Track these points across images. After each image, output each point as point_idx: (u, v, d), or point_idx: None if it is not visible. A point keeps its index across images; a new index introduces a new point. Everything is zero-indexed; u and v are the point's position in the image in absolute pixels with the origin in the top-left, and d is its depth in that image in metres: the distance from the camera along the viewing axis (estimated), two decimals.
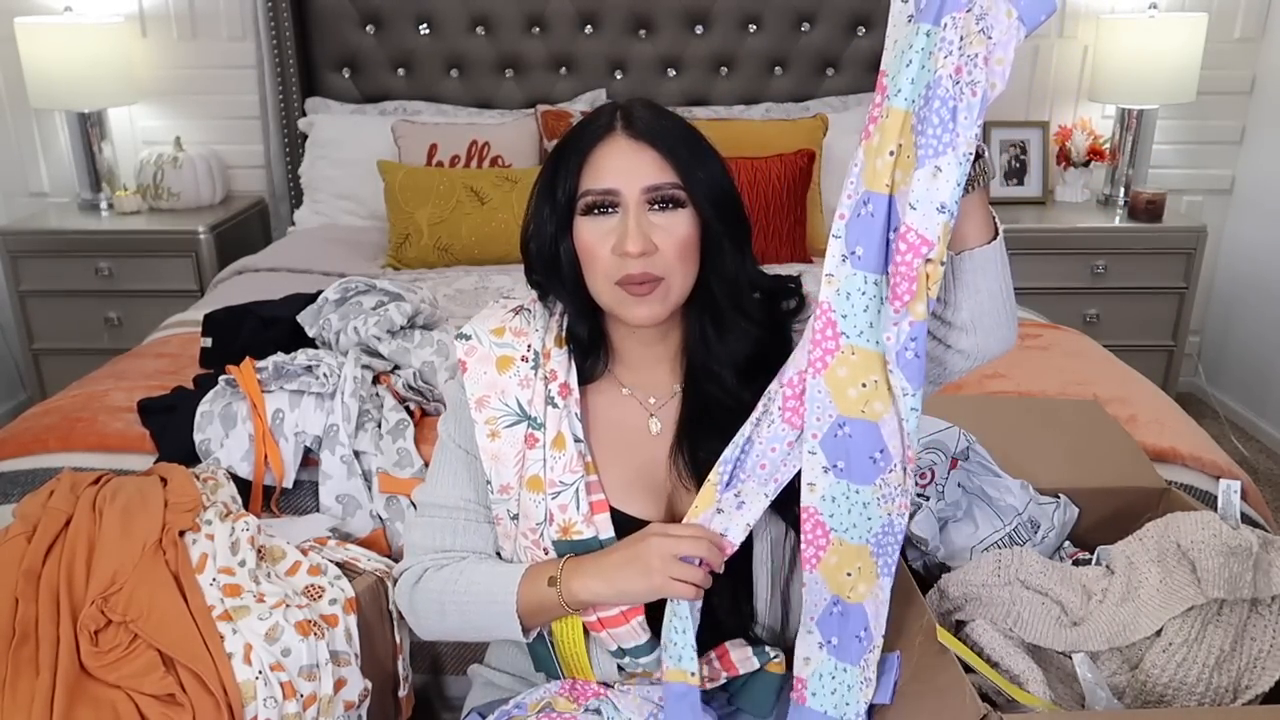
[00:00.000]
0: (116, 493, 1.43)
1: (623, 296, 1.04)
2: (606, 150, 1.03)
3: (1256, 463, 3.03)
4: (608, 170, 1.02)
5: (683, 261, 1.04)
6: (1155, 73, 2.96)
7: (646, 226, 1.01)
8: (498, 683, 1.24)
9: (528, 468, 1.08)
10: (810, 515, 1.02)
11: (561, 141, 1.07)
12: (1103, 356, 2.14)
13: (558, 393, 1.09)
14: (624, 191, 1.02)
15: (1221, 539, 1.11)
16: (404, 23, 3.11)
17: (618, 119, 1.04)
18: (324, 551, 1.48)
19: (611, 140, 1.03)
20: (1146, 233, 2.96)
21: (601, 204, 1.02)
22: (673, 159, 1.02)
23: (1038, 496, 1.37)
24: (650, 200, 1.02)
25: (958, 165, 0.87)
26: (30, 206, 3.27)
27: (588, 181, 1.02)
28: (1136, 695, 1.08)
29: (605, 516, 1.08)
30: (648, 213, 1.02)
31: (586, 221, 1.03)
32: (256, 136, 3.24)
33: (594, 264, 1.04)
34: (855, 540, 1.01)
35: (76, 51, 2.91)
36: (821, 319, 0.97)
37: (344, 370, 1.69)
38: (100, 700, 1.20)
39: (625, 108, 1.06)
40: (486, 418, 1.09)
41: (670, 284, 1.04)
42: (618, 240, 1.01)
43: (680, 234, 1.03)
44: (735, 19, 3.13)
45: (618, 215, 1.02)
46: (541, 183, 1.08)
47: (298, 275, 2.56)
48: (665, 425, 1.13)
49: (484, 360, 1.11)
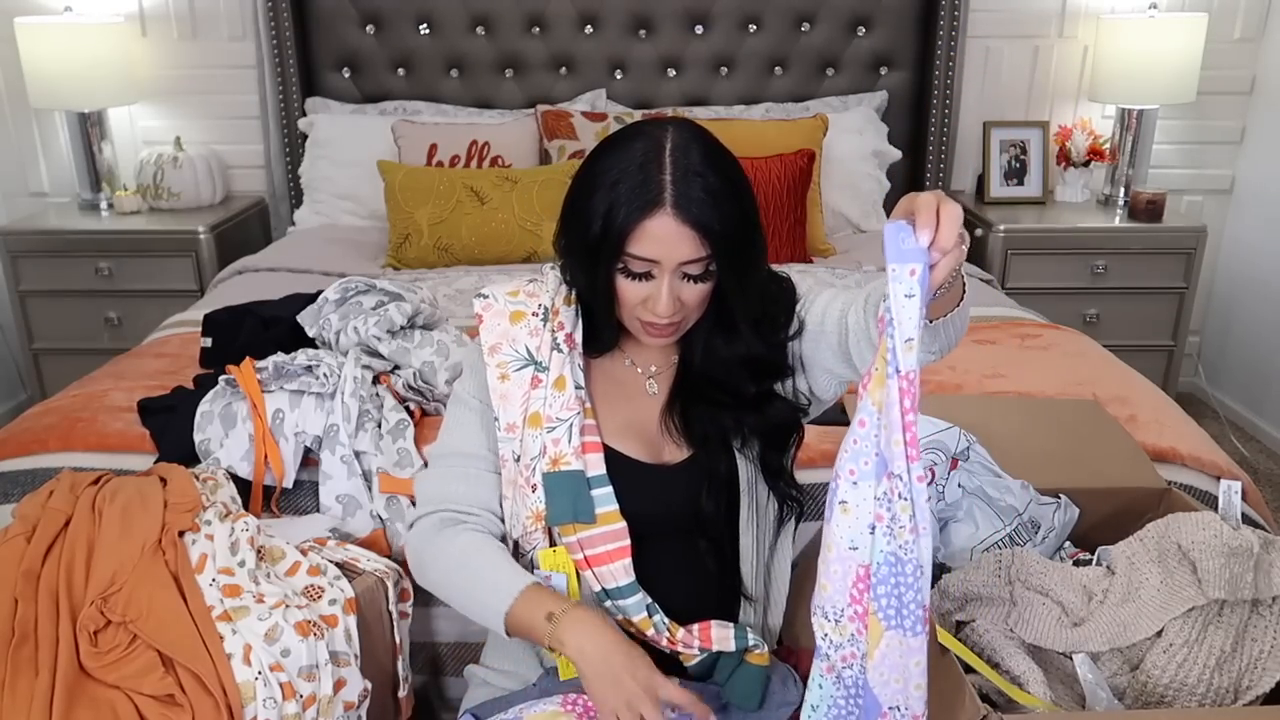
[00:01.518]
0: (116, 493, 1.43)
1: (642, 329, 1.15)
2: (653, 225, 1.05)
3: (1256, 463, 3.03)
4: (652, 243, 1.06)
5: (700, 308, 1.14)
6: (1155, 73, 2.96)
7: (677, 290, 1.09)
8: (493, 682, 1.25)
9: (530, 405, 1.16)
10: None
11: (608, 199, 1.06)
12: (1103, 356, 2.14)
13: (563, 341, 1.19)
14: (664, 262, 1.07)
15: (1222, 539, 1.11)
16: (404, 23, 3.11)
17: (668, 195, 1.04)
18: (324, 552, 1.48)
19: (660, 216, 1.05)
20: (1146, 233, 2.96)
21: (639, 271, 1.08)
22: (710, 240, 1.06)
23: (1038, 497, 1.37)
24: (685, 271, 1.08)
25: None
26: (30, 206, 3.27)
27: (632, 247, 1.06)
28: (1137, 696, 1.08)
29: (598, 456, 1.16)
30: (681, 278, 1.09)
31: (625, 281, 1.10)
32: (256, 136, 3.24)
33: (623, 306, 1.13)
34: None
35: (76, 51, 2.91)
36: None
37: (344, 370, 1.69)
38: (99, 701, 1.20)
39: (679, 182, 1.04)
40: (498, 361, 1.19)
41: (686, 323, 1.15)
42: (650, 300, 1.09)
43: (704, 292, 1.11)
44: (735, 19, 3.13)
45: (653, 280, 1.09)
46: (580, 229, 1.09)
47: (298, 275, 2.56)
48: (661, 389, 1.23)
49: (499, 315, 1.22)
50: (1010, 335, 2.21)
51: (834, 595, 0.91)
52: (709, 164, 1.06)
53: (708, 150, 1.07)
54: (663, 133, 1.07)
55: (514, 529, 1.18)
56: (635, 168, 1.05)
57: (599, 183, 1.07)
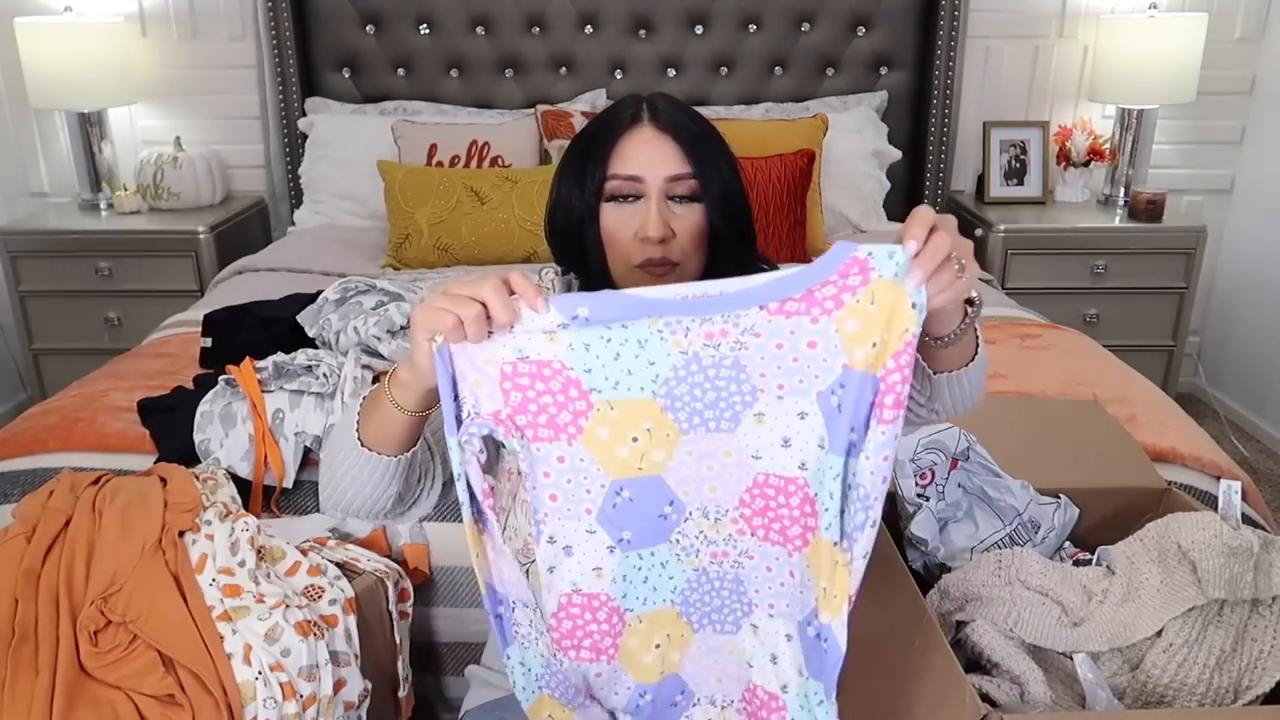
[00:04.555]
0: (116, 493, 1.43)
1: (642, 278, 1.09)
2: (632, 139, 1.08)
3: (1256, 463, 3.03)
4: (633, 158, 1.07)
5: (696, 250, 1.10)
6: (1155, 73, 2.96)
7: (666, 214, 1.07)
8: (494, 683, 1.24)
9: None
10: (603, 603, 0.91)
11: (587, 130, 1.12)
12: (1103, 356, 2.14)
13: None
14: (648, 179, 1.07)
15: (1222, 539, 1.11)
16: (404, 23, 3.11)
17: (644, 110, 1.09)
18: (324, 552, 1.48)
19: (638, 129, 1.08)
20: (1146, 233, 2.96)
21: (625, 192, 1.07)
22: (692, 153, 1.07)
23: (1038, 497, 1.37)
24: (670, 192, 1.07)
25: None
26: (30, 206, 3.27)
27: (614, 167, 1.07)
28: (1137, 696, 1.08)
29: None
30: (668, 202, 1.08)
31: (610, 208, 1.08)
32: (256, 136, 3.24)
33: (616, 247, 1.09)
34: (657, 606, 0.92)
35: (76, 51, 2.91)
36: (555, 380, 0.84)
37: (344, 370, 1.69)
38: (100, 701, 1.20)
39: (650, 100, 1.11)
40: None
41: (684, 270, 1.10)
42: (640, 225, 1.07)
43: (694, 222, 1.08)
44: (735, 19, 3.13)
45: (640, 203, 1.07)
46: (566, 169, 1.12)
47: (298, 275, 2.56)
48: None
49: None
50: (1010, 335, 2.21)
51: (721, 496, 0.89)
52: (686, 109, 1.12)
53: (685, 105, 1.13)
54: (640, 95, 1.14)
55: (514, 541, 1.17)
56: (614, 110, 1.11)
57: (583, 133, 1.12)
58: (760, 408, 0.85)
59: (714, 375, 0.84)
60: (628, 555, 0.90)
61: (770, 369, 0.84)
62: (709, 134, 1.11)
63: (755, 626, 0.92)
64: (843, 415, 0.81)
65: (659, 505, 0.89)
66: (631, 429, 0.86)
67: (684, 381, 0.85)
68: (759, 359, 0.83)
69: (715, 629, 0.94)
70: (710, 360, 0.84)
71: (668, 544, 0.91)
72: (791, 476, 0.86)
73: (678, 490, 0.88)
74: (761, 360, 0.83)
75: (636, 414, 0.85)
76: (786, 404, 0.84)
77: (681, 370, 0.84)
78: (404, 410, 0.94)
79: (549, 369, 0.84)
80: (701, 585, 0.92)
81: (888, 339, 0.79)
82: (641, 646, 0.94)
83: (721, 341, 0.83)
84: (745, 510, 0.89)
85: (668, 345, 0.84)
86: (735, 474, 0.88)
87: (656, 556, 0.91)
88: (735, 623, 0.93)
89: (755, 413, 0.85)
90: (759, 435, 0.86)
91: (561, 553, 0.90)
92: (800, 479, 0.86)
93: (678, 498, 0.89)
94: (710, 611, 0.93)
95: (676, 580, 0.92)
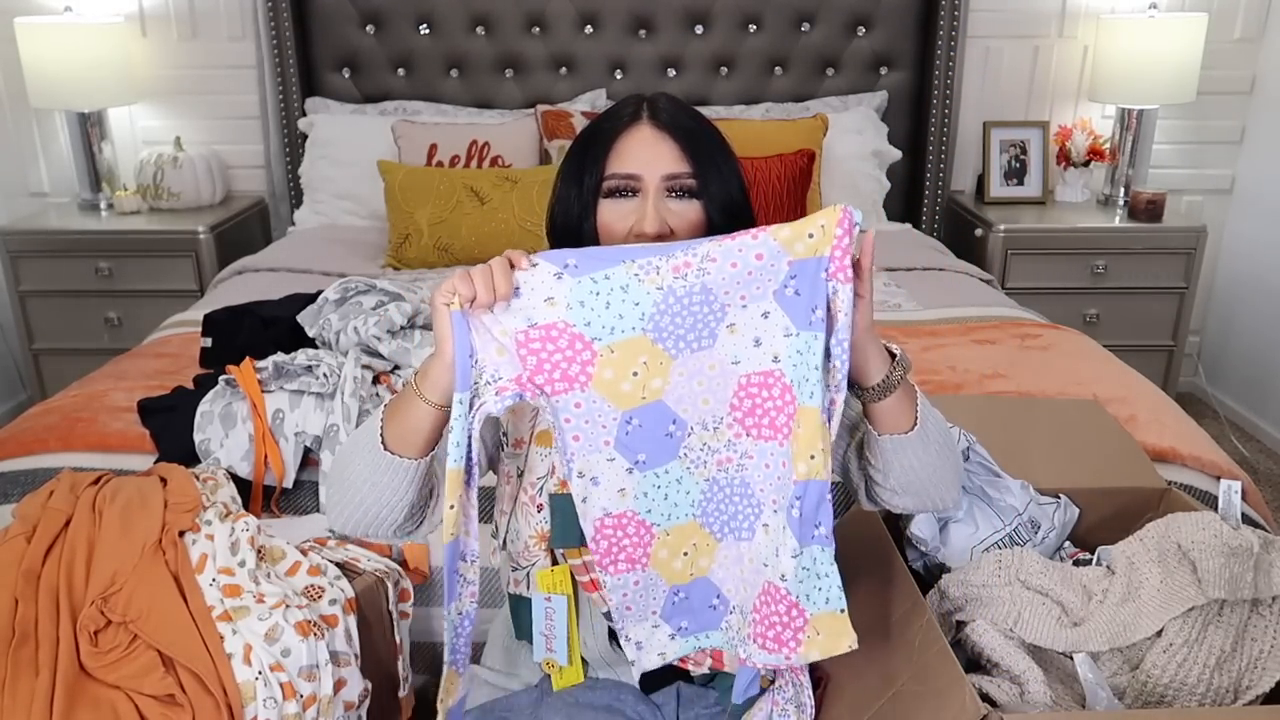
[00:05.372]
0: (116, 493, 1.43)
1: None
2: (631, 138, 1.08)
3: (1256, 463, 3.03)
4: (631, 156, 1.07)
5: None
6: (1155, 73, 2.96)
7: (663, 211, 1.07)
8: (494, 683, 1.24)
9: (540, 423, 1.13)
10: (630, 519, 1.02)
11: (588, 129, 1.13)
12: (1103, 356, 2.14)
13: None
14: (645, 177, 1.07)
15: (1222, 539, 1.12)
16: (404, 23, 3.11)
17: (644, 109, 1.10)
18: (324, 551, 1.48)
19: (637, 128, 1.09)
20: (1146, 233, 2.96)
21: (623, 188, 1.08)
22: (691, 152, 1.07)
23: (1038, 497, 1.37)
24: (668, 188, 1.07)
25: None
26: (30, 206, 3.27)
27: (613, 166, 1.08)
28: (1137, 695, 1.08)
29: None
30: (665, 199, 1.08)
31: (608, 204, 1.09)
32: (256, 136, 3.24)
33: (612, 243, 1.09)
34: (681, 520, 1.03)
35: (76, 51, 2.91)
36: (561, 339, 0.95)
37: (344, 370, 1.69)
38: (100, 701, 1.20)
39: (651, 100, 1.11)
40: None
41: None
42: (636, 221, 1.07)
43: (692, 219, 1.08)
44: (735, 19, 3.13)
45: (637, 199, 1.07)
46: (567, 167, 1.13)
47: (298, 275, 2.56)
48: None
49: None
50: (1010, 335, 2.21)
51: (714, 407, 0.99)
52: (687, 109, 1.13)
53: (686, 104, 1.14)
54: (642, 95, 1.14)
55: (513, 544, 1.17)
56: (615, 110, 1.12)
57: (585, 133, 1.13)
58: (730, 319, 0.96)
59: (688, 303, 0.95)
60: (645, 475, 1.00)
61: (731, 285, 0.95)
62: (709, 133, 1.11)
63: (766, 525, 0.99)
64: (801, 298, 0.93)
65: (664, 425, 0.99)
66: (631, 365, 0.97)
67: (665, 313, 0.95)
68: (720, 279, 0.94)
69: (735, 536, 1.02)
70: (682, 290, 0.95)
71: (678, 459, 1.01)
72: (768, 370, 0.96)
73: (677, 409, 0.99)
74: (723, 280, 0.94)
75: (632, 351, 0.96)
76: (750, 310, 0.96)
77: (661, 304, 0.95)
78: (431, 403, 0.98)
79: (555, 329, 0.95)
80: (715, 496, 1.02)
81: (826, 224, 0.93)
82: (671, 555, 1.04)
83: (687, 272, 0.94)
84: (737, 413, 0.99)
85: (645, 286, 0.95)
86: (722, 383, 0.99)
87: (671, 474, 1.01)
88: (750, 528, 1.01)
89: (727, 324, 0.97)
90: (734, 343, 0.97)
91: (590, 484, 1.00)
92: (775, 371, 0.96)
93: (679, 416, 0.99)
94: (728, 519, 1.02)
95: (693, 494, 1.02)
